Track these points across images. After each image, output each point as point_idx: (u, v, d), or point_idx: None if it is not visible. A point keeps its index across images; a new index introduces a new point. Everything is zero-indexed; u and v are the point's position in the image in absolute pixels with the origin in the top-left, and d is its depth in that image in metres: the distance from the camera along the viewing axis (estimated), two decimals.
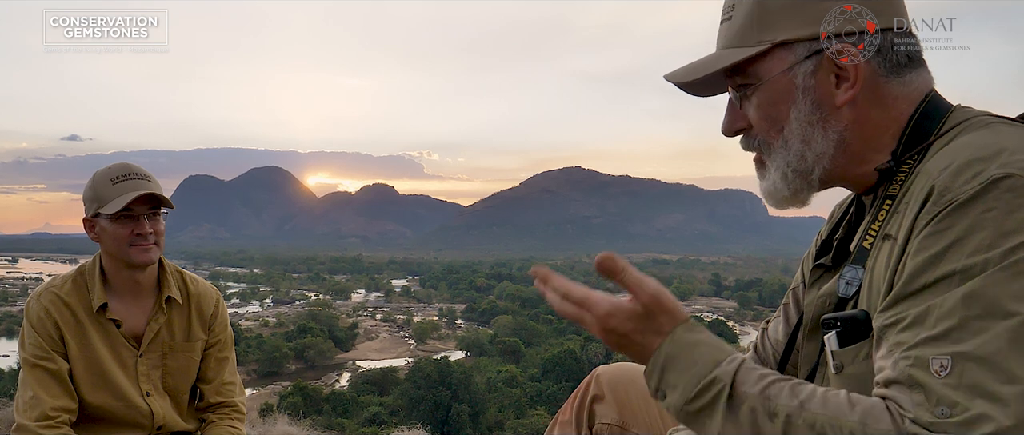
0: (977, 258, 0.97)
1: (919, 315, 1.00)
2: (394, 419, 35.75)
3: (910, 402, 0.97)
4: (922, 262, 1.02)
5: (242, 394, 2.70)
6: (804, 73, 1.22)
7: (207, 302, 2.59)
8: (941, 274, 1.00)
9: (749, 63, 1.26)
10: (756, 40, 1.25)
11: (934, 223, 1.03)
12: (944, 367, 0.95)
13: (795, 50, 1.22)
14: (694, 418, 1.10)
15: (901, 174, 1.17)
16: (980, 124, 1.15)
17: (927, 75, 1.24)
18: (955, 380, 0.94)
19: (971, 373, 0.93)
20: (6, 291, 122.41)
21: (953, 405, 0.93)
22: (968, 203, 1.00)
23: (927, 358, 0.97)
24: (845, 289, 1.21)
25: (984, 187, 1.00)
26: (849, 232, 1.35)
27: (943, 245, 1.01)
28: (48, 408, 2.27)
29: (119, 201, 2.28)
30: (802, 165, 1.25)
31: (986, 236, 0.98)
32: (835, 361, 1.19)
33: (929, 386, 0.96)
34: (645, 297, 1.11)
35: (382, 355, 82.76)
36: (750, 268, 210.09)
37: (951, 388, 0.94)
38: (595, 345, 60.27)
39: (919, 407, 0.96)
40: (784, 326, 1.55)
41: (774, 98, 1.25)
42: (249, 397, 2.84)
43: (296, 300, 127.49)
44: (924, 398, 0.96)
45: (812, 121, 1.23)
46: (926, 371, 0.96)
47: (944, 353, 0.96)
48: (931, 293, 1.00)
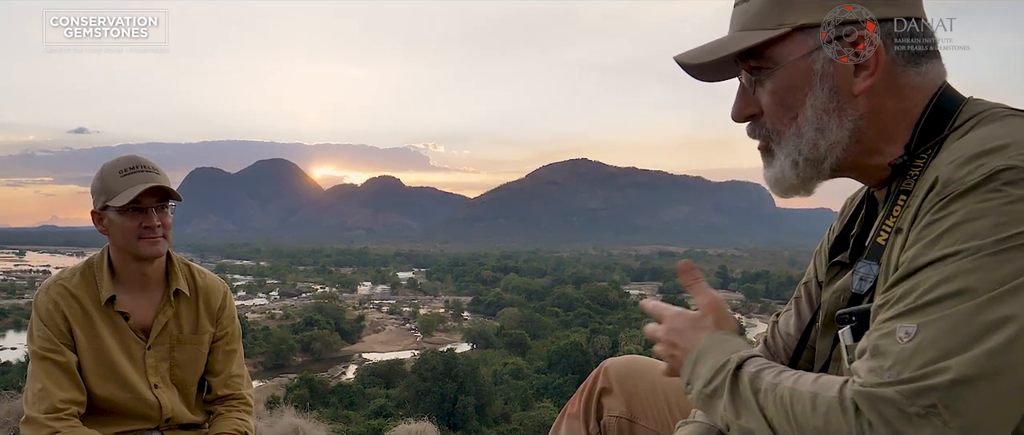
0: (970, 243, 0.98)
1: (904, 293, 1.02)
2: (400, 411, 35.78)
3: (866, 368, 1.00)
4: (919, 247, 1.03)
5: (250, 386, 2.70)
6: (823, 59, 1.20)
7: (215, 295, 2.59)
8: (934, 257, 1.01)
9: (766, 46, 1.24)
10: (776, 23, 1.22)
11: (934, 211, 1.04)
12: (908, 334, 0.98)
13: (815, 35, 1.20)
14: (709, 401, 1.20)
15: (915, 169, 1.16)
16: (994, 117, 1.14)
17: (941, 67, 1.22)
18: (913, 346, 0.96)
19: (929, 340, 0.95)
20: (13, 284, 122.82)
21: (902, 369, 0.95)
22: (967, 192, 1.01)
23: (895, 328, 1.00)
24: (859, 285, 1.22)
25: (986, 178, 1.00)
26: (864, 228, 1.35)
27: (939, 231, 1.02)
28: (57, 400, 2.27)
29: (127, 194, 2.28)
30: (814, 153, 1.23)
31: (983, 224, 0.98)
32: (849, 355, 1.18)
33: (888, 352, 0.98)
34: (706, 300, 1.33)
35: (388, 347, 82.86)
36: (757, 260, 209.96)
37: (908, 353, 0.96)
38: (601, 337, 60.31)
39: (871, 372, 0.98)
40: (796, 320, 1.55)
41: (791, 84, 1.23)
42: (256, 389, 2.84)
43: (302, 292, 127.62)
44: (879, 364, 0.98)
45: (828, 109, 1.21)
46: (891, 339, 0.99)
47: (912, 322, 0.98)
48: (921, 274, 1.01)
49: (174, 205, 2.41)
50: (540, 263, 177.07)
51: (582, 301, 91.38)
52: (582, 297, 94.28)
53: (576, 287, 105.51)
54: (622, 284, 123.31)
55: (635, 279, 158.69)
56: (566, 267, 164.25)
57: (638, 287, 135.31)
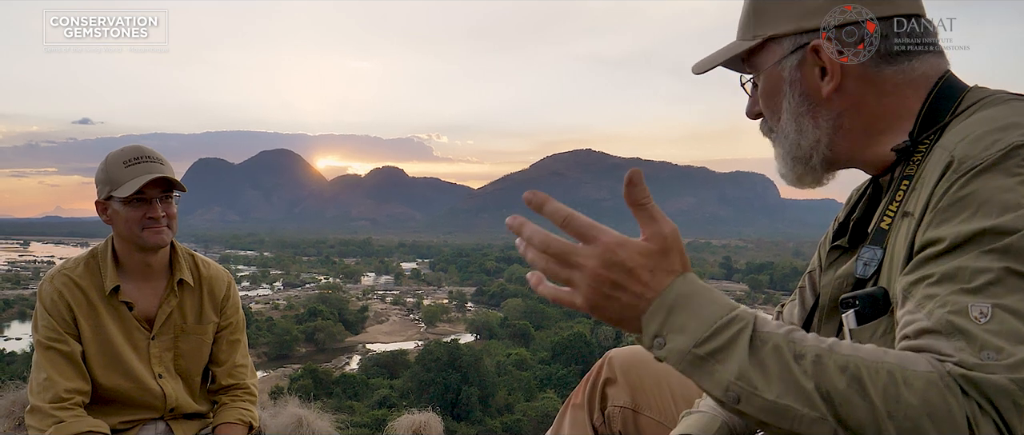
0: (1007, 217, 0.96)
1: (950, 271, 0.98)
2: (404, 402, 35.77)
3: (951, 347, 0.93)
4: (950, 224, 1.01)
5: (254, 376, 2.70)
6: (790, 67, 1.26)
7: (219, 285, 2.59)
8: (971, 232, 0.98)
9: (750, 54, 1.32)
10: (752, 34, 1.31)
11: (956, 189, 1.02)
12: (984, 314, 0.93)
13: (783, 44, 1.27)
14: (701, 363, 0.95)
15: (918, 154, 1.17)
16: (997, 100, 1.15)
17: (935, 61, 1.23)
18: (997, 326, 0.91)
19: (1012, 322, 0.91)
20: (18, 274, 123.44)
21: (999, 350, 0.90)
22: (990, 168, 1.00)
23: (965, 305, 0.94)
24: (863, 270, 1.20)
25: (1005, 153, 1.00)
26: (866, 213, 1.35)
27: (970, 208, 1.00)
28: (61, 390, 2.28)
29: (132, 184, 2.28)
30: (798, 152, 1.29)
31: (1013, 197, 0.97)
32: (854, 340, 1.16)
33: (971, 332, 0.92)
34: (668, 228, 0.97)
35: (392, 338, 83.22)
36: (761, 251, 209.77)
37: (993, 334, 0.91)
38: (606, 328, 60.27)
39: (962, 351, 0.91)
40: (800, 310, 1.54)
41: (769, 90, 1.31)
42: (260, 380, 2.84)
43: (306, 283, 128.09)
44: (965, 343, 0.92)
45: (801, 112, 1.27)
46: (966, 318, 0.93)
47: (984, 302, 0.93)
48: (961, 251, 0.98)
49: (178, 195, 2.41)
50: None
51: None
52: None
53: None
54: None
55: None
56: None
57: None
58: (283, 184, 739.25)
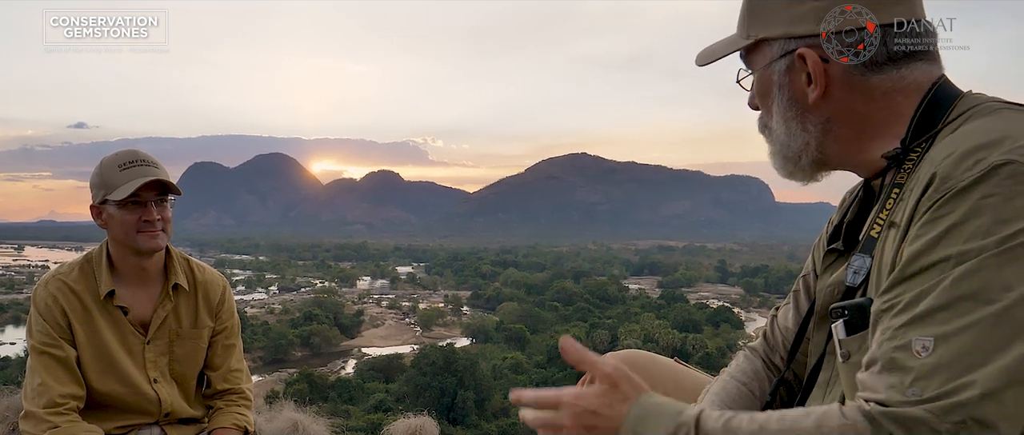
0: (973, 243, 0.97)
1: (912, 299, 1.00)
2: (399, 406, 35.74)
3: (883, 384, 0.97)
4: (920, 247, 1.02)
5: (249, 381, 2.69)
6: (779, 71, 1.28)
7: (214, 289, 2.59)
8: (937, 258, 1.00)
9: (748, 51, 1.34)
10: (747, 33, 1.32)
11: (934, 209, 1.03)
12: (926, 348, 0.95)
13: (773, 48, 1.28)
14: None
15: (909, 162, 1.17)
16: (987, 110, 1.15)
17: (928, 67, 1.23)
18: (934, 360, 0.94)
19: (949, 355, 0.93)
20: (12, 279, 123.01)
21: (925, 386, 0.93)
22: (967, 189, 1.00)
23: (910, 340, 0.97)
24: (852, 278, 1.21)
25: (985, 174, 0.99)
26: (858, 217, 1.36)
27: (941, 230, 1.01)
28: (56, 395, 2.27)
29: (127, 188, 2.27)
30: (788, 152, 1.31)
31: (984, 222, 0.97)
32: (842, 350, 1.20)
33: (907, 367, 0.96)
34: (608, 369, 1.14)
35: (387, 342, 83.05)
36: (756, 254, 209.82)
37: (929, 368, 0.94)
38: (601, 332, 60.37)
39: (891, 389, 0.96)
40: (794, 313, 1.55)
41: (761, 89, 1.33)
42: (255, 384, 2.85)
43: (301, 287, 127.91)
44: (899, 380, 0.96)
45: (789, 116, 1.29)
46: (907, 352, 0.97)
47: (927, 334, 0.96)
48: (925, 277, 1.00)
49: (173, 199, 2.41)
50: (539, 257, 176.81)
51: (581, 295, 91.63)
52: (581, 291, 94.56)
53: (575, 281, 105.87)
54: (621, 278, 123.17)
55: (634, 273, 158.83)
56: (565, 261, 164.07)
57: (637, 281, 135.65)
58: (278, 188, 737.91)
